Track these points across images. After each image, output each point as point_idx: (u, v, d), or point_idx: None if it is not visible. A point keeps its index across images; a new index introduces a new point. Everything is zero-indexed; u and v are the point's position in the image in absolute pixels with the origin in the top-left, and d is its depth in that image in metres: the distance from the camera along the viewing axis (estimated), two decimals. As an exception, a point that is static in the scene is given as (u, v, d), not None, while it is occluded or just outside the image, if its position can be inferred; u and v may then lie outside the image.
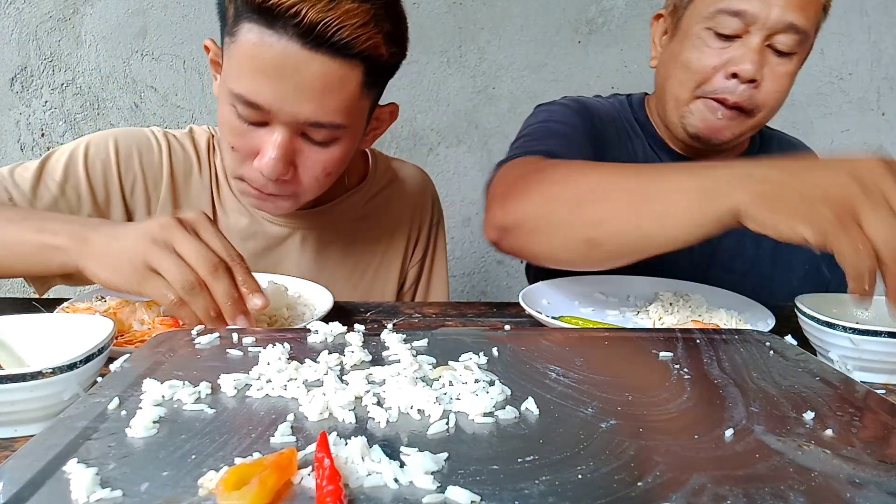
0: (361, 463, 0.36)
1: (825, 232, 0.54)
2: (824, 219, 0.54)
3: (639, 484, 0.35)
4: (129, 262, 0.63)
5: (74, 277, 0.75)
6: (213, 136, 1.00)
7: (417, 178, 1.11)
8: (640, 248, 0.66)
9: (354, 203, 1.02)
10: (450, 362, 0.52)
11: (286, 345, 0.55)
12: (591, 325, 0.77)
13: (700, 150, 1.00)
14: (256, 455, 0.36)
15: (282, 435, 0.40)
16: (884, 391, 0.61)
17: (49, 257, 0.69)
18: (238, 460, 0.36)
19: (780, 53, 0.89)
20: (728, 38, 0.89)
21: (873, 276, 0.54)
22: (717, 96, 0.91)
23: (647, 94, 1.11)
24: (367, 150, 1.07)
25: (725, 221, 0.60)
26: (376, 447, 0.37)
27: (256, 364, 0.51)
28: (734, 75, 0.89)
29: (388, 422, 0.42)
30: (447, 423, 0.42)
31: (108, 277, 0.65)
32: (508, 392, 0.47)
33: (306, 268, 0.99)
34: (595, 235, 0.66)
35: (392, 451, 0.37)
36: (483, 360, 0.53)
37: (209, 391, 0.46)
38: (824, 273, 1.05)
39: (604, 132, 1.01)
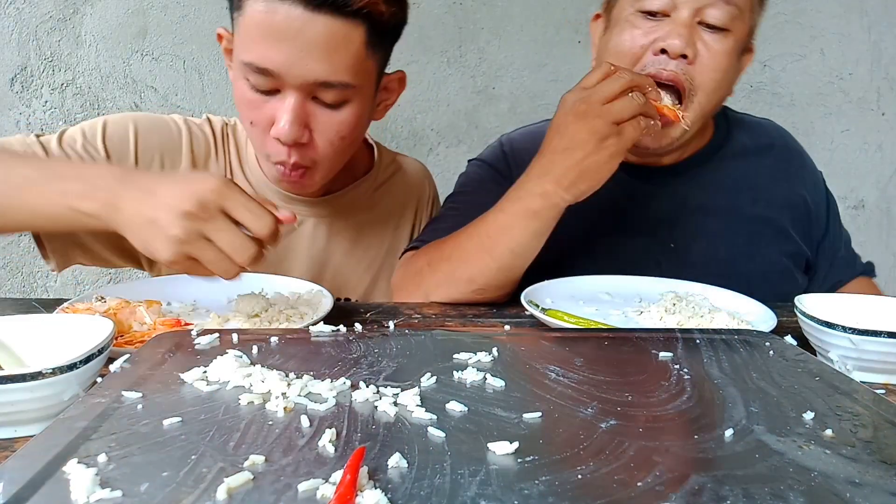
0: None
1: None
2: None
3: (638, 484, 0.35)
4: (166, 242, 0.63)
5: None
6: (226, 123, 1.03)
7: (418, 168, 1.16)
8: (513, 274, 0.81)
9: (362, 192, 1.05)
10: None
11: (286, 346, 0.55)
12: (577, 321, 0.77)
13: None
14: (257, 454, 0.37)
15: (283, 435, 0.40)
16: (883, 391, 0.61)
17: (82, 223, 0.69)
18: (240, 465, 0.36)
19: (713, 29, 0.86)
20: (656, 16, 0.87)
21: None
22: (649, 73, 0.86)
23: None
24: (372, 144, 1.10)
25: (556, 214, 0.78)
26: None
27: (255, 365, 0.51)
28: (663, 51, 0.86)
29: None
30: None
31: (152, 253, 0.65)
32: (508, 392, 0.47)
33: (317, 255, 1.01)
34: (476, 286, 0.83)
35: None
36: (483, 359, 0.53)
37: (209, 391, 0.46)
38: (796, 278, 1.04)
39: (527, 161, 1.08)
